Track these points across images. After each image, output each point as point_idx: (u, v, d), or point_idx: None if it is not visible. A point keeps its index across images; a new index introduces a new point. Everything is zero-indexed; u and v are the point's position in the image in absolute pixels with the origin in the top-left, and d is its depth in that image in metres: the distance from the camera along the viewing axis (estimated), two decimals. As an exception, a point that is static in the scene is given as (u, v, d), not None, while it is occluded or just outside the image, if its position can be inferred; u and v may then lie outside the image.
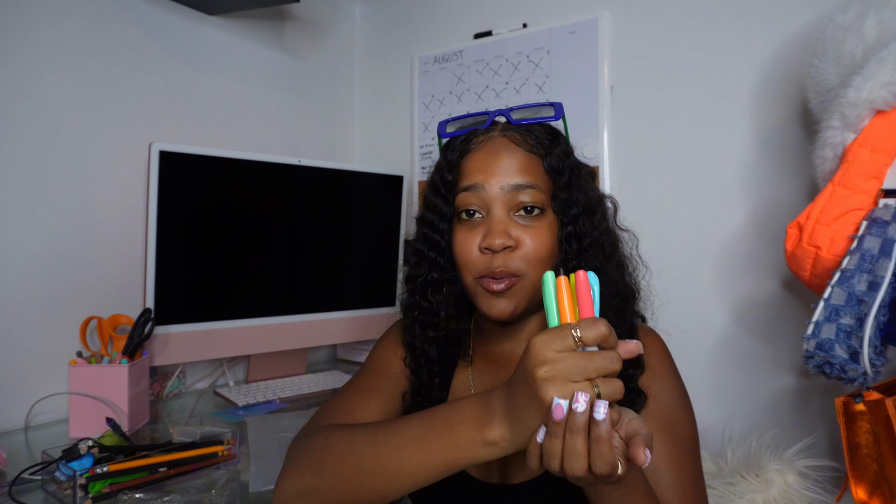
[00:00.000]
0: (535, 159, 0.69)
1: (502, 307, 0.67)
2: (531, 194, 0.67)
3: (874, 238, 0.77)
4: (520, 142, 0.70)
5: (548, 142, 0.71)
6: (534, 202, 0.67)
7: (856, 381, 0.77)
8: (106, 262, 1.19)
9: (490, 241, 0.65)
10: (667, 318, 0.83)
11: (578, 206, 0.68)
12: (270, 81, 1.54)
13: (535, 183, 0.67)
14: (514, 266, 0.66)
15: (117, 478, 0.81)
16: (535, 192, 0.67)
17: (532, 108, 0.73)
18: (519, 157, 0.68)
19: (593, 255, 0.68)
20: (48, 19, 1.10)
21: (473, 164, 0.70)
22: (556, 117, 0.72)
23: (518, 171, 0.67)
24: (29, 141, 1.09)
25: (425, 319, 0.74)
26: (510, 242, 0.65)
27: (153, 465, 0.84)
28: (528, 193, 0.67)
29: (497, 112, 0.73)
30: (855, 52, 0.85)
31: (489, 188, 0.67)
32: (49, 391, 1.10)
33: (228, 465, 0.92)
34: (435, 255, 0.73)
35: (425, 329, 0.74)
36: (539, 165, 0.69)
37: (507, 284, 0.66)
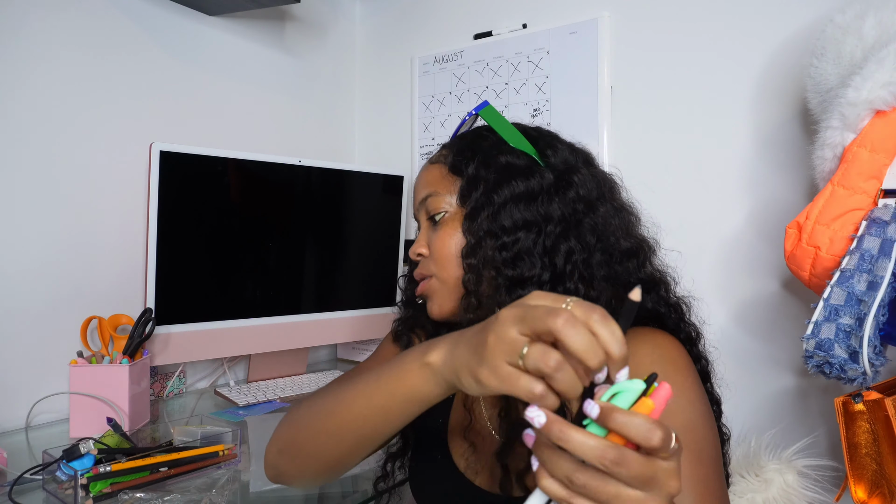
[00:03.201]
0: (439, 168, 0.73)
1: (433, 310, 0.71)
2: (430, 202, 0.72)
3: (873, 238, 0.77)
4: (432, 158, 0.76)
5: (459, 146, 0.73)
6: (434, 209, 0.71)
7: (855, 380, 0.77)
8: (106, 261, 1.19)
9: (409, 254, 0.74)
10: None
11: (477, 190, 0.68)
12: (270, 81, 1.54)
13: (432, 191, 0.72)
14: (424, 269, 0.72)
15: (118, 478, 0.81)
16: (433, 199, 0.71)
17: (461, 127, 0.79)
18: (424, 173, 0.75)
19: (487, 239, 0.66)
20: (48, 19, 1.11)
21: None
22: (466, 117, 0.77)
23: (422, 185, 0.74)
24: (29, 141, 1.09)
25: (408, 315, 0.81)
26: (422, 251, 0.72)
27: (154, 465, 0.84)
28: (428, 202, 0.72)
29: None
30: (854, 53, 0.85)
31: (414, 210, 0.76)
32: (50, 391, 1.10)
33: (229, 464, 0.92)
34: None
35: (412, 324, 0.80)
36: (441, 170, 0.73)
37: (421, 289, 0.72)
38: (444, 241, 0.70)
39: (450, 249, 0.69)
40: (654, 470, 0.38)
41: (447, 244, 0.69)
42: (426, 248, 0.72)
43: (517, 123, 0.76)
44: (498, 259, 0.65)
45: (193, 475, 0.87)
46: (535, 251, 0.65)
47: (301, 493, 0.87)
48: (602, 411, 0.38)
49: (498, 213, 0.66)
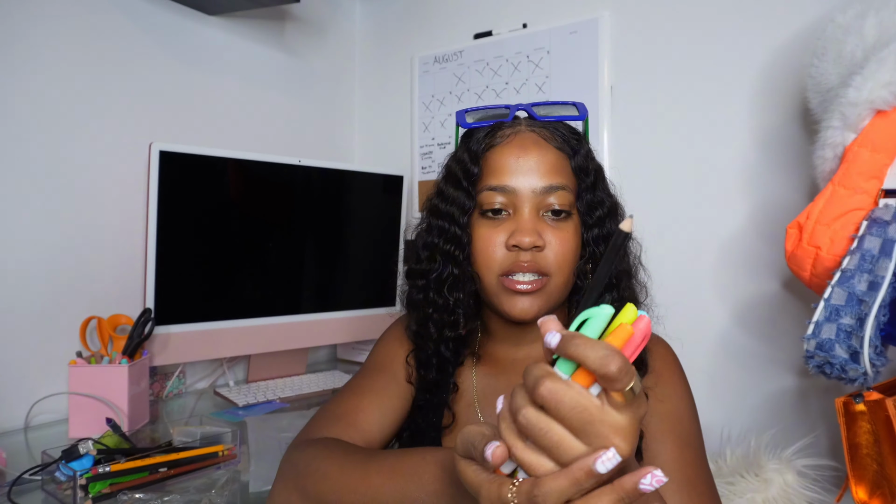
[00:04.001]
0: (564, 158, 0.68)
1: (526, 307, 0.65)
2: (561, 196, 0.66)
3: (874, 238, 0.77)
4: (549, 138, 0.68)
5: (574, 141, 0.70)
6: (563, 204, 0.66)
7: (856, 381, 0.77)
8: (106, 262, 1.19)
9: (519, 239, 0.64)
10: (666, 318, 0.83)
11: (603, 207, 0.68)
12: (270, 81, 1.54)
13: (564, 184, 0.66)
14: (543, 264, 0.65)
15: (118, 478, 0.81)
16: (564, 193, 0.66)
17: (555, 105, 0.71)
18: (549, 155, 0.67)
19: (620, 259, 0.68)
20: (48, 19, 1.10)
21: (501, 160, 0.67)
22: (580, 117, 0.70)
23: (549, 171, 0.66)
24: (28, 141, 1.09)
25: (441, 318, 0.70)
26: (540, 242, 0.64)
27: (153, 466, 0.84)
28: (559, 195, 0.66)
29: (518, 107, 0.71)
30: (855, 52, 0.85)
31: (520, 189, 0.66)
32: (49, 391, 1.10)
33: (229, 465, 0.92)
34: (453, 249, 0.69)
35: (442, 328, 0.71)
36: (567, 165, 0.68)
37: (535, 286, 0.65)
38: (571, 244, 0.66)
39: (572, 255, 0.66)
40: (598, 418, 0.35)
41: (571, 249, 0.66)
42: (543, 241, 0.65)
43: None
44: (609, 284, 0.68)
45: (193, 475, 0.87)
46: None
47: (301, 493, 0.87)
48: (562, 339, 0.36)
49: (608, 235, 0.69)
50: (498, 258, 0.66)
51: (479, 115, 0.73)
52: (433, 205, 0.73)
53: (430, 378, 0.74)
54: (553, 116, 0.70)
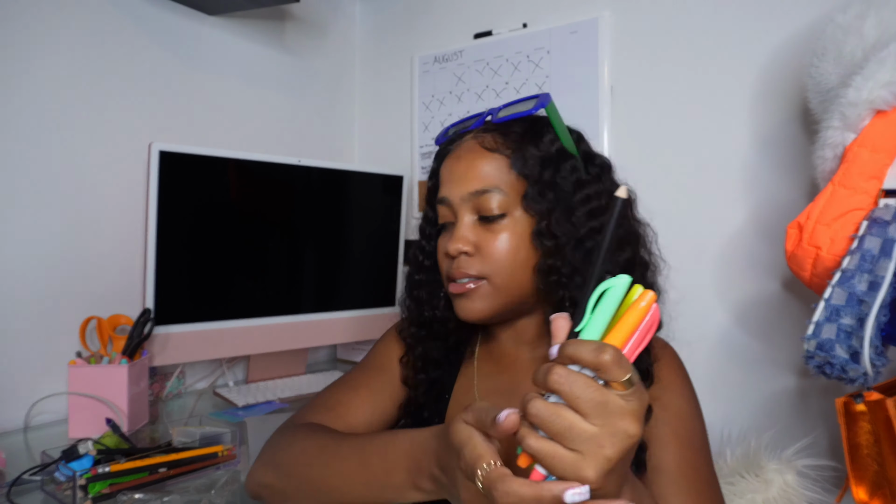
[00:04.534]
0: (499, 159, 0.67)
1: (468, 309, 0.68)
2: (489, 199, 0.66)
3: (874, 238, 0.77)
4: (486, 143, 0.68)
5: (520, 139, 0.68)
6: (491, 208, 0.66)
7: (856, 381, 0.77)
8: (106, 262, 1.19)
9: (447, 248, 0.68)
10: (666, 317, 0.83)
11: (551, 202, 0.66)
12: (270, 81, 1.54)
13: (492, 186, 0.66)
14: (473, 269, 0.67)
15: (117, 478, 0.80)
16: (491, 195, 0.66)
17: (517, 103, 0.71)
18: (479, 160, 0.68)
19: (572, 253, 0.65)
20: (48, 19, 1.10)
21: (444, 172, 0.71)
22: (532, 109, 0.69)
23: (475, 176, 0.67)
24: (28, 141, 1.09)
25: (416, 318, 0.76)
26: (466, 248, 0.67)
27: (153, 466, 0.84)
28: (486, 199, 0.66)
29: (488, 112, 0.72)
30: (855, 52, 0.85)
31: (451, 198, 0.69)
32: (48, 391, 1.10)
33: (229, 465, 0.92)
34: (423, 260, 0.76)
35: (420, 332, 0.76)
36: (503, 165, 0.67)
37: (468, 288, 0.67)
38: (506, 246, 0.66)
39: (509, 256, 0.66)
40: (606, 399, 0.38)
41: (508, 249, 0.66)
42: (472, 247, 0.67)
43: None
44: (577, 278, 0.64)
45: (192, 476, 0.87)
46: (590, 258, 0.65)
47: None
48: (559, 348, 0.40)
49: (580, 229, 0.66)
50: (444, 267, 0.71)
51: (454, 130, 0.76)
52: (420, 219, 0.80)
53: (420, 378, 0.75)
54: (506, 117, 0.70)
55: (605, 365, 0.38)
